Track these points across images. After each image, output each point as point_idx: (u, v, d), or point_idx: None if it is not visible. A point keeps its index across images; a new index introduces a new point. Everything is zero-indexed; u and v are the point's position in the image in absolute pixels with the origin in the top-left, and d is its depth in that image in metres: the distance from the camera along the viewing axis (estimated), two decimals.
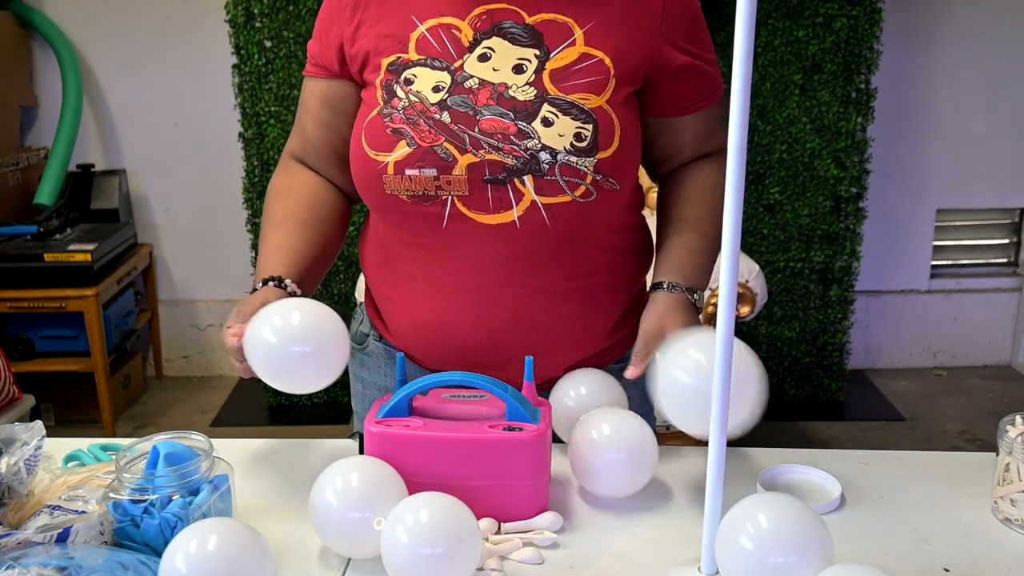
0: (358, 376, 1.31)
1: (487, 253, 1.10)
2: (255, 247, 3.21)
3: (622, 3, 1.11)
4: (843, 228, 3.22)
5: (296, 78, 3.07)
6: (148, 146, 3.48)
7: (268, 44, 3.06)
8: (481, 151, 1.07)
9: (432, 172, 1.07)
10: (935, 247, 3.63)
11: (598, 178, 1.08)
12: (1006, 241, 3.70)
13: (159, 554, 0.85)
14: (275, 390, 3.61)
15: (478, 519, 0.92)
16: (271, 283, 1.12)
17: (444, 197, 1.08)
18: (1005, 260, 3.71)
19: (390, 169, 1.09)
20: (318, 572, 0.95)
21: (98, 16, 3.36)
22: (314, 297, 1.12)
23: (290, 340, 0.99)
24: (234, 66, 3.09)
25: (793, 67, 3.08)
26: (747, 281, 2.43)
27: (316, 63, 1.20)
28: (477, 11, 1.10)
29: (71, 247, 3.01)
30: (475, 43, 1.10)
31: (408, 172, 1.08)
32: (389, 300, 1.22)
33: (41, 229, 3.10)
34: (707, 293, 2.47)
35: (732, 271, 0.81)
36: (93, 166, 3.38)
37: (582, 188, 1.08)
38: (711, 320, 2.48)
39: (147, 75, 3.41)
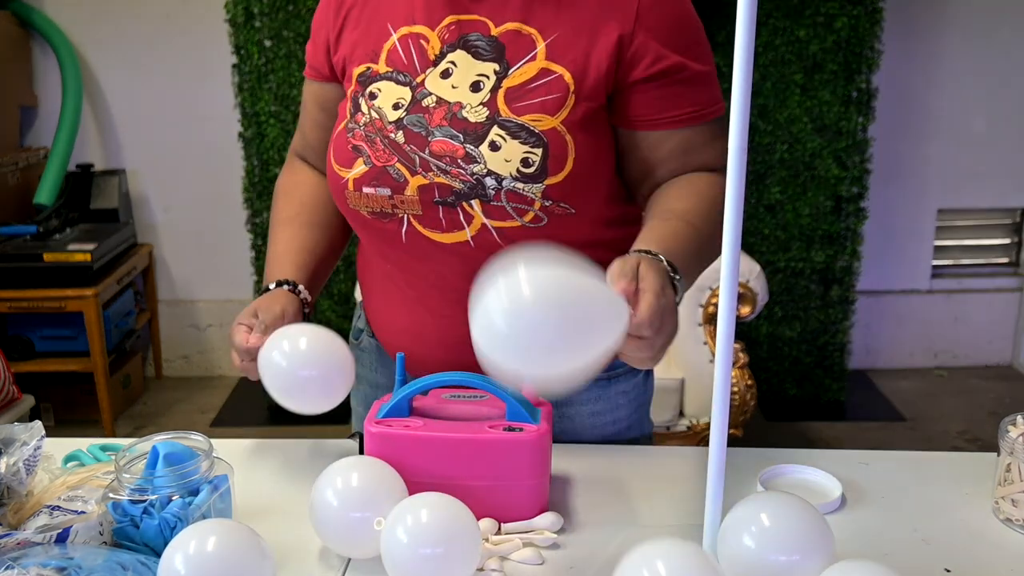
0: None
1: (445, 270, 1.12)
2: (255, 247, 3.21)
3: (595, 8, 1.07)
4: (844, 228, 3.22)
5: (296, 78, 3.07)
6: (148, 146, 3.48)
7: (268, 44, 3.06)
8: (430, 173, 1.07)
9: (386, 192, 1.09)
10: (936, 247, 3.63)
11: (547, 204, 1.06)
12: (1007, 241, 3.70)
13: (159, 554, 0.85)
14: None
15: (478, 519, 0.92)
16: (285, 287, 1.15)
17: (400, 215, 1.10)
18: (1006, 260, 3.71)
19: (350, 185, 1.11)
20: (318, 572, 0.95)
21: (98, 16, 3.36)
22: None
23: (298, 365, 1.03)
24: (234, 66, 3.09)
25: (794, 67, 3.08)
26: (748, 281, 2.43)
27: (311, 65, 1.22)
28: (448, 20, 1.10)
29: (71, 247, 3.01)
30: (440, 56, 1.10)
31: (365, 190, 1.11)
32: (369, 302, 1.27)
33: (41, 229, 3.10)
34: (707, 293, 2.48)
35: (732, 271, 0.81)
36: (93, 166, 3.38)
37: (530, 214, 1.06)
38: (711, 320, 2.48)
39: (147, 75, 3.41)
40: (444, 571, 0.87)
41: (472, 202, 1.06)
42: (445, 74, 1.09)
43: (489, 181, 1.05)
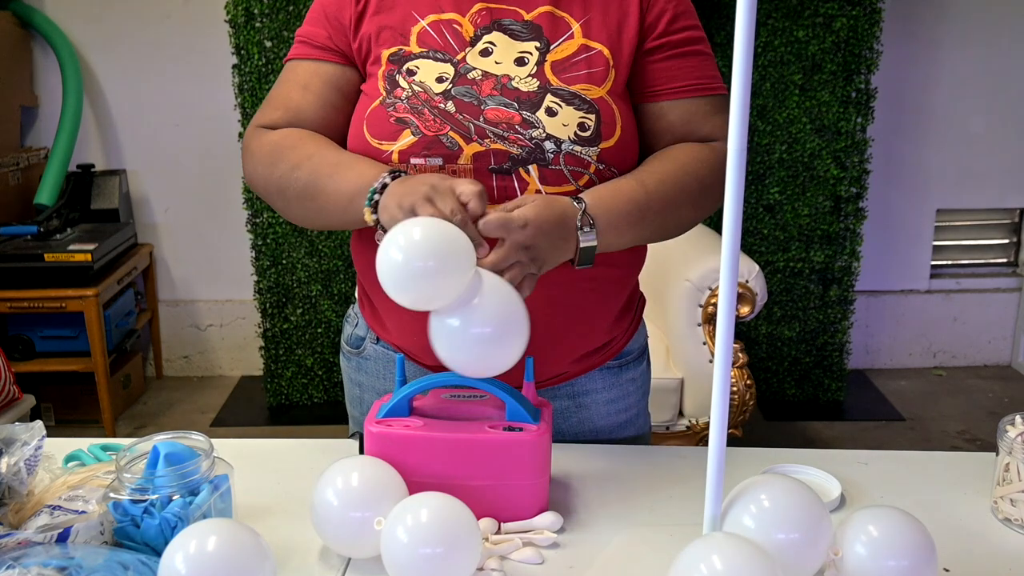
0: (355, 380, 1.30)
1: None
2: (255, 247, 3.21)
3: None
4: (843, 228, 3.22)
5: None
6: (148, 146, 3.49)
7: (268, 44, 3.06)
8: (487, 140, 1.07)
9: (438, 161, 1.08)
10: (935, 247, 3.63)
11: (601, 167, 1.09)
12: (1006, 241, 3.70)
13: (159, 554, 0.85)
14: (275, 390, 3.58)
15: (478, 519, 0.92)
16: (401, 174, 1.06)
17: None
18: (1005, 260, 3.71)
19: (395, 158, 1.09)
20: (318, 572, 0.95)
21: (98, 16, 3.36)
22: (314, 296, 1.13)
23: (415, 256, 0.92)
24: (234, 66, 3.09)
25: (793, 67, 3.08)
26: (747, 281, 2.43)
27: (322, 46, 1.17)
28: (477, 7, 1.12)
29: (71, 247, 3.01)
30: (476, 38, 1.11)
31: (414, 161, 1.08)
32: (387, 299, 1.21)
33: (41, 229, 3.10)
34: (706, 294, 2.48)
35: (732, 271, 0.81)
36: (93, 166, 3.39)
37: (586, 178, 1.08)
38: (710, 320, 2.49)
39: (147, 75, 3.41)
40: (444, 571, 0.87)
41: (529, 167, 1.07)
42: (485, 53, 1.10)
43: (548, 145, 1.07)
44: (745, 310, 2.44)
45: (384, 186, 1.02)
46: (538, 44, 1.10)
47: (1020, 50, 3.41)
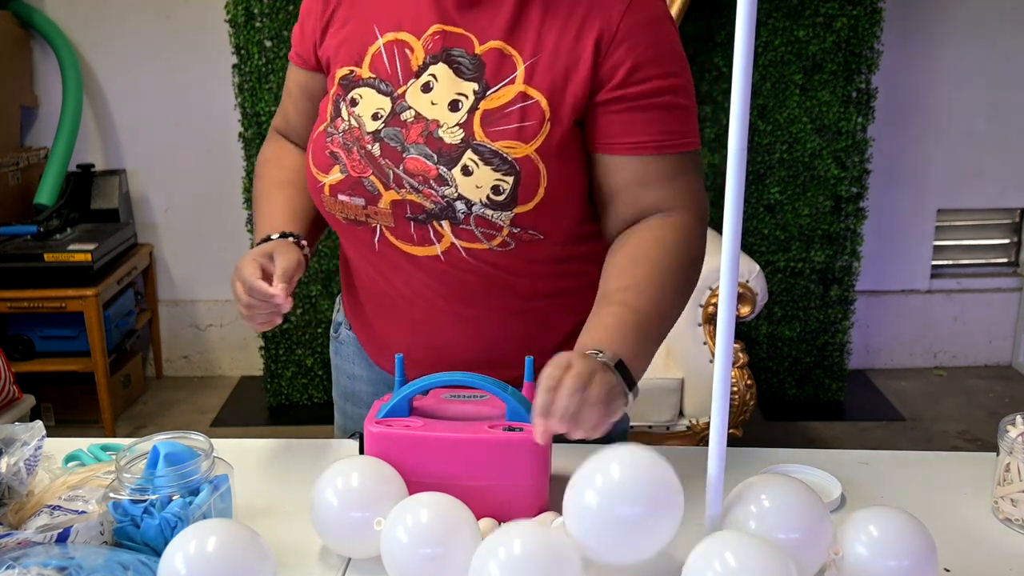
0: (333, 363, 1.37)
1: (417, 281, 1.13)
2: (255, 246, 3.20)
3: (577, 28, 1.06)
4: (843, 228, 3.22)
5: None
6: (148, 146, 3.48)
7: (268, 44, 3.06)
8: (403, 190, 1.08)
9: (361, 201, 1.10)
10: (935, 247, 3.63)
11: (515, 231, 1.06)
12: (1006, 241, 3.70)
13: (159, 554, 0.85)
14: (275, 390, 3.57)
15: (478, 519, 0.92)
16: (289, 238, 1.16)
17: (373, 225, 1.11)
18: (1005, 260, 3.71)
19: (326, 191, 1.12)
20: (318, 572, 0.95)
21: (98, 16, 3.36)
22: (314, 296, 1.15)
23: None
24: (234, 66, 3.09)
25: (793, 67, 3.08)
26: (747, 281, 2.43)
27: (297, 51, 1.22)
28: (434, 28, 1.09)
29: (71, 247, 3.01)
30: (423, 68, 1.09)
31: (340, 197, 1.11)
32: (348, 297, 1.29)
33: (41, 229, 3.10)
34: (707, 294, 2.48)
35: (732, 271, 0.81)
36: (93, 166, 3.38)
37: (498, 239, 1.07)
38: (711, 320, 2.49)
39: (147, 75, 3.41)
40: (444, 571, 0.87)
41: (442, 222, 1.07)
42: (426, 87, 1.08)
43: (459, 205, 1.05)
44: (745, 310, 2.44)
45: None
46: (476, 87, 1.06)
47: (1020, 50, 3.40)
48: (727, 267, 0.81)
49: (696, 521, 0.91)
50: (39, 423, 1.00)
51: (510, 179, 1.04)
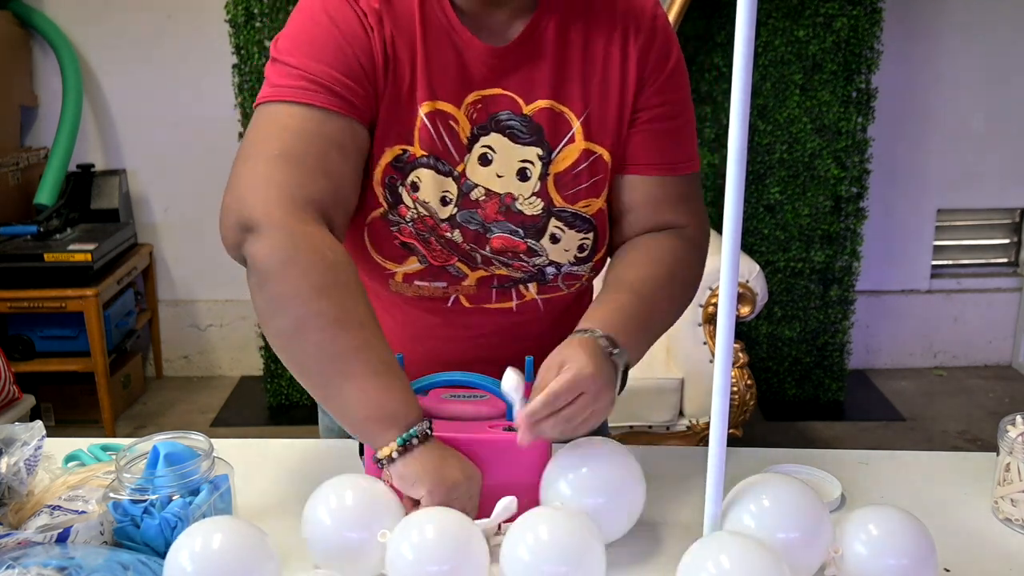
0: None
1: (482, 328, 1.15)
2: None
3: (616, 76, 1.06)
4: (843, 228, 3.22)
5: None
6: (148, 146, 3.48)
7: (268, 44, 3.06)
8: (491, 267, 1.09)
9: (442, 284, 1.11)
10: (935, 247, 3.63)
11: (592, 275, 1.15)
12: (1006, 241, 3.70)
13: (159, 554, 0.85)
14: (275, 390, 3.57)
15: (477, 519, 0.92)
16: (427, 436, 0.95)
17: (450, 296, 1.12)
18: (1005, 260, 3.71)
19: (399, 277, 1.11)
20: (318, 572, 0.95)
21: (98, 16, 3.36)
22: None
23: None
24: (234, 66, 3.09)
25: (793, 67, 3.08)
26: (747, 281, 2.43)
27: (342, 96, 0.98)
28: (471, 98, 1.04)
29: (71, 247, 3.01)
30: (473, 139, 1.05)
31: (418, 283, 1.11)
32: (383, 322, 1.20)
33: (41, 229, 3.10)
34: (707, 294, 2.48)
35: (732, 271, 0.81)
36: (93, 166, 3.38)
37: (578, 286, 1.15)
38: (711, 320, 2.48)
39: (147, 75, 3.41)
40: None
41: (529, 285, 1.11)
42: (484, 160, 1.05)
43: (550, 269, 1.10)
44: (745, 310, 2.44)
45: (391, 459, 0.92)
46: (540, 152, 1.05)
47: (1020, 50, 3.40)
48: (727, 267, 0.81)
49: (696, 521, 0.91)
50: (39, 423, 1.00)
51: (591, 235, 1.10)
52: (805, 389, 3.39)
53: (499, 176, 1.05)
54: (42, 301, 2.98)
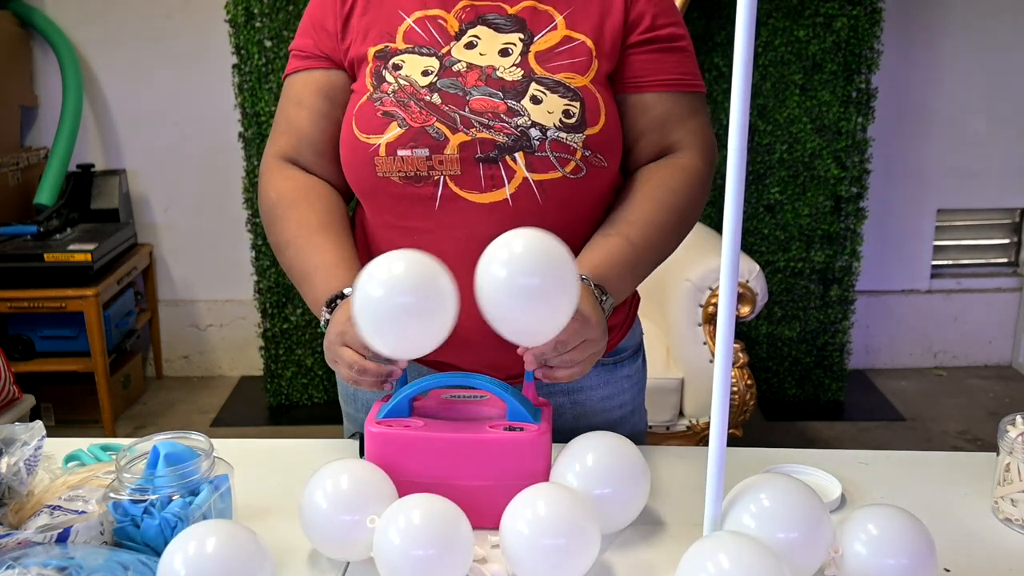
0: None
1: (480, 232, 1.09)
2: (255, 247, 3.21)
3: None
4: (843, 228, 3.22)
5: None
6: (148, 146, 3.48)
7: (268, 44, 3.06)
8: (472, 130, 1.08)
9: (424, 152, 1.09)
10: (935, 247, 3.63)
11: (587, 154, 1.10)
12: (1006, 241, 3.70)
13: (159, 554, 0.85)
14: (275, 390, 3.57)
15: (478, 520, 0.92)
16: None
17: (436, 177, 1.09)
18: (1005, 260, 3.71)
19: (382, 151, 1.10)
20: (318, 572, 0.95)
21: (98, 16, 3.36)
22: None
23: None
24: (234, 66, 3.09)
25: (793, 67, 3.08)
26: (747, 281, 2.43)
27: (309, 55, 1.20)
28: (462, 3, 1.13)
29: (71, 247, 3.01)
30: (461, 32, 1.13)
31: (400, 153, 1.09)
32: None
33: (41, 229, 3.10)
34: (707, 294, 2.48)
35: (732, 271, 0.81)
36: (93, 166, 3.39)
37: (572, 164, 1.09)
38: (711, 320, 2.48)
39: (147, 75, 3.41)
40: (437, 572, 0.87)
41: (516, 155, 1.08)
42: (470, 45, 1.12)
43: (534, 132, 1.08)
44: (745, 310, 2.44)
45: (327, 321, 1.08)
46: (522, 36, 1.12)
47: (1020, 50, 3.40)
48: (727, 267, 0.81)
49: (696, 521, 0.91)
50: (39, 423, 1.00)
51: (576, 104, 1.10)
52: (805, 389, 3.39)
53: (482, 55, 1.11)
54: (42, 301, 2.98)
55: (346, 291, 1.07)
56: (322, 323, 1.09)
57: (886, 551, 0.85)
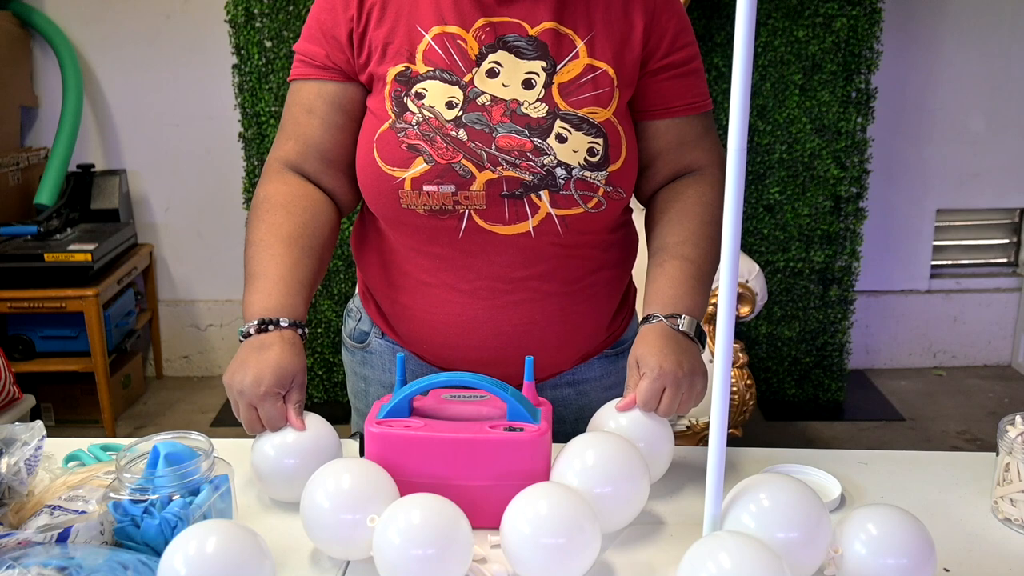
0: (359, 374, 1.32)
1: (501, 261, 1.13)
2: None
3: (615, 8, 1.13)
4: (843, 228, 3.22)
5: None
6: (148, 146, 3.48)
7: (268, 44, 3.06)
8: (499, 168, 1.09)
9: (450, 188, 1.09)
10: (935, 247, 3.63)
11: (608, 190, 1.12)
12: (1006, 241, 3.70)
13: (159, 554, 0.85)
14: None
15: (479, 520, 0.92)
16: (298, 330, 1.09)
17: (461, 211, 1.10)
18: (1005, 260, 3.71)
19: (407, 185, 1.10)
20: (318, 572, 0.95)
21: (98, 16, 3.36)
22: (314, 297, 1.12)
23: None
24: (234, 66, 3.09)
25: (793, 67, 3.08)
26: (747, 281, 2.43)
27: (321, 65, 1.16)
28: (480, 22, 1.11)
29: (71, 247, 3.01)
30: (481, 56, 1.11)
31: (426, 188, 1.09)
32: (396, 303, 1.22)
33: (41, 229, 3.10)
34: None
35: (732, 271, 0.81)
36: (93, 166, 3.38)
37: (594, 200, 1.11)
38: (711, 320, 2.48)
39: (147, 75, 3.41)
40: (436, 572, 0.87)
41: (541, 193, 1.09)
42: (491, 73, 1.10)
43: (560, 171, 1.09)
44: (745, 310, 2.44)
45: (246, 335, 1.09)
46: (544, 64, 1.11)
47: (1020, 50, 3.40)
48: (727, 267, 0.81)
49: (696, 521, 0.91)
50: (39, 423, 1.00)
51: (600, 141, 1.11)
52: (805, 389, 3.39)
53: (505, 86, 1.10)
54: (42, 301, 2.98)
55: (282, 322, 1.07)
56: (240, 331, 1.08)
57: (886, 551, 0.85)
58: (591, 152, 1.10)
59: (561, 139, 1.09)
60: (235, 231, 3.41)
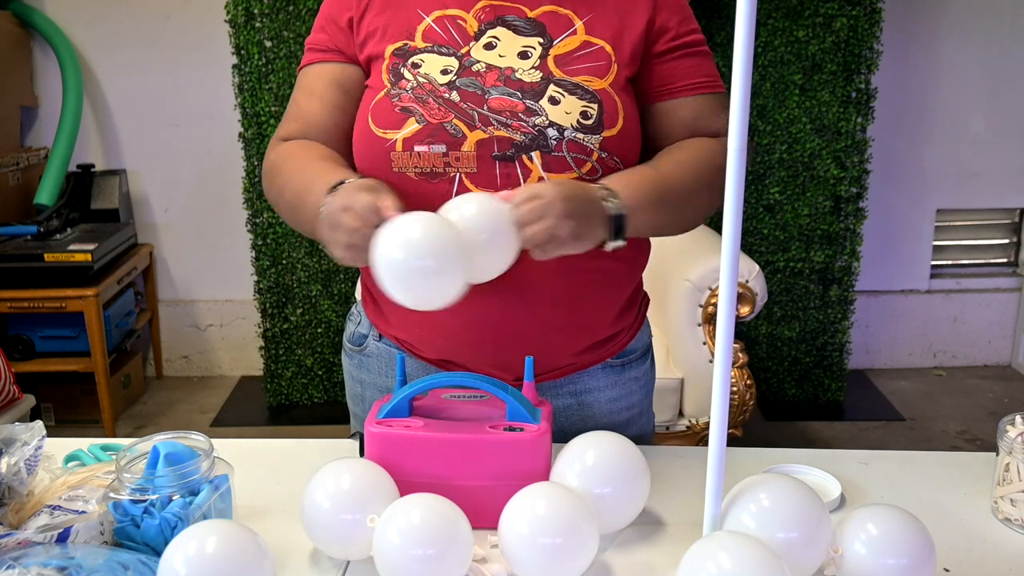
0: (356, 378, 1.30)
1: None
2: (255, 247, 3.21)
3: None
4: (843, 228, 3.22)
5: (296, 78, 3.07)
6: (148, 146, 3.48)
7: (268, 44, 3.06)
8: (490, 127, 1.09)
9: (441, 148, 1.09)
10: (935, 247, 3.63)
11: (603, 156, 1.10)
12: (1006, 241, 3.70)
13: (159, 554, 0.85)
14: (275, 390, 3.57)
15: (479, 520, 0.92)
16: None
17: (452, 174, 1.09)
18: (1005, 260, 3.71)
19: (398, 146, 1.10)
20: (318, 572, 0.95)
21: (98, 16, 3.36)
22: (314, 296, 1.12)
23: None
24: (234, 66, 3.09)
25: (793, 67, 3.08)
26: (747, 281, 2.43)
27: (324, 48, 1.20)
28: (481, 3, 1.14)
29: (71, 247, 3.01)
30: (480, 32, 1.13)
31: (417, 148, 1.09)
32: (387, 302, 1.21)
33: (41, 229, 3.10)
34: (706, 294, 2.48)
35: (732, 271, 0.81)
36: (93, 166, 3.38)
37: (588, 165, 1.10)
38: (711, 320, 2.49)
39: (147, 75, 3.41)
40: (436, 572, 0.87)
41: (532, 154, 1.09)
42: (489, 46, 1.12)
43: (551, 132, 1.09)
44: (745, 310, 2.44)
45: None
46: (541, 40, 1.13)
47: (1020, 50, 3.40)
48: (727, 267, 0.81)
49: (696, 521, 0.91)
50: (39, 423, 1.00)
51: (595, 106, 1.10)
52: (805, 389, 3.39)
53: (501, 56, 1.12)
54: (42, 301, 2.98)
55: (347, 180, 1.04)
56: (322, 212, 1.04)
57: (886, 551, 0.85)
58: (584, 115, 1.09)
59: (554, 101, 1.10)
60: (235, 231, 3.41)
